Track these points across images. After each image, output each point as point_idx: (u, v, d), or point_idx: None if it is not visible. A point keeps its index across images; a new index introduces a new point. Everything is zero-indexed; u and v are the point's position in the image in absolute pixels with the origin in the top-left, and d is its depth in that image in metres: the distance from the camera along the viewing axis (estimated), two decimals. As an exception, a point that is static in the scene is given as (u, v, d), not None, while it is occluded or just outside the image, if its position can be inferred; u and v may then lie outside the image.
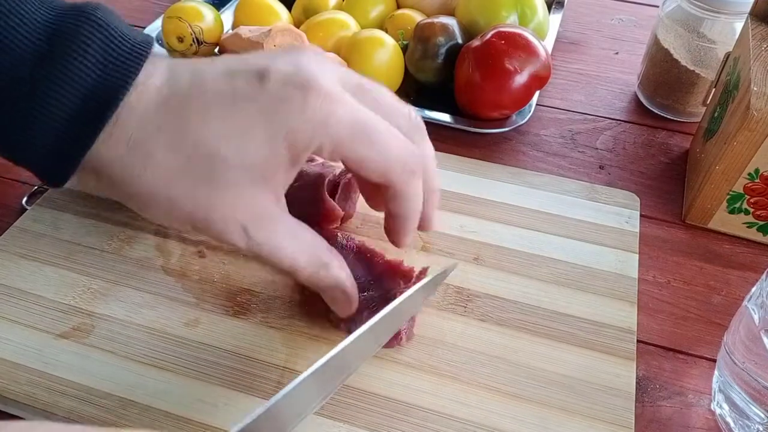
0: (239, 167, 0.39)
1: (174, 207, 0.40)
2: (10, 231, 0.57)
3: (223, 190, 0.40)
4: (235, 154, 0.39)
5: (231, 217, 0.40)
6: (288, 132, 0.39)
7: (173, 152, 0.39)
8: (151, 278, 0.54)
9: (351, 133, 0.40)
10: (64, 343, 0.50)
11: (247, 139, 0.39)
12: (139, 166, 0.38)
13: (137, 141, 0.38)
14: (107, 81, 0.37)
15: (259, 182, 0.40)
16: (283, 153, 0.40)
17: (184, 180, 0.39)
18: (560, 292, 0.54)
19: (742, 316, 0.45)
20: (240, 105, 0.39)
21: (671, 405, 0.49)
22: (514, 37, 0.67)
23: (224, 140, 0.39)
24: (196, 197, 0.40)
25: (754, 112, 0.52)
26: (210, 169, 0.39)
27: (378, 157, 0.42)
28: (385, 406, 0.46)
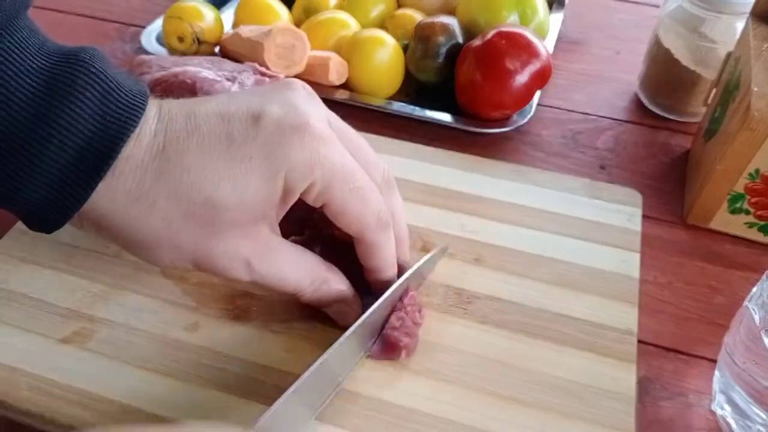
0: (238, 209, 0.40)
1: (178, 251, 0.41)
2: (10, 234, 0.57)
3: (225, 232, 0.41)
4: (234, 197, 0.40)
5: (234, 254, 0.42)
6: (286, 171, 0.40)
7: (175, 200, 0.39)
8: (150, 282, 0.54)
9: (341, 179, 0.42)
10: (64, 347, 0.49)
11: (246, 181, 0.40)
12: (142, 215, 0.39)
13: (138, 191, 0.38)
14: (105, 133, 0.37)
15: (259, 219, 0.42)
16: (279, 191, 0.41)
17: (187, 225, 0.40)
18: (561, 293, 0.53)
19: (742, 317, 0.45)
20: (237, 148, 0.40)
21: (672, 405, 0.49)
22: (515, 37, 0.67)
23: (222, 185, 0.39)
24: (198, 240, 0.41)
25: (755, 112, 0.52)
26: (211, 215, 0.40)
27: (358, 208, 0.44)
28: (383, 410, 0.46)
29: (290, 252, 0.45)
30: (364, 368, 0.48)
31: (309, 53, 0.73)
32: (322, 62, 0.72)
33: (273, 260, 0.44)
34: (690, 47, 0.69)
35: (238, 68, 0.61)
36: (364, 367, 0.48)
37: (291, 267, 0.45)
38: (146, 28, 0.81)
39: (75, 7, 0.91)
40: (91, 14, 0.90)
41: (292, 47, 0.72)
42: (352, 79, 0.74)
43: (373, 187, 0.45)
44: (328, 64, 0.72)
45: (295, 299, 0.50)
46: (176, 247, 0.41)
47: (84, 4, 0.92)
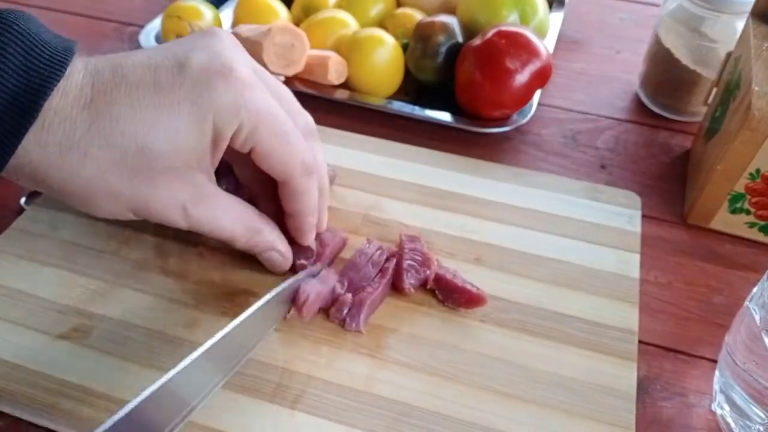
0: (171, 154, 0.41)
1: (114, 199, 0.42)
2: (9, 231, 0.57)
3: (160, 178, 0.42)
4: (165, 143, 0.41)
5: (170, 200, 0.43)
6: (214, 114, 0.42)
7: (107, 149, 0.40)
8: (149, 279, 0.54)
9: (267, 123, 0.44)
10: (62, 343, 0.49)
11: (176, 126, 0.41)
12: (75, 165, 0.40)
13: (70, 142, 0.39)
14: (28, 87, 0.38)
15: (193, 165, 0.43)
16: (209, 135, 0.42)
17: (122, 173, 0.41)
18: (561, 292, 0.53)
19: (743, 317, 0.44)
20: (164, 95, 0.41)
21: (672, 405, 0.49)
22: (515, 36, 0.67)
23: (153, 131, 0.41)
24: (134, 188, 0.42)
25: (756, 111, 0.52)
26: (145, 161, 0.41)
27: (284, 152, 0.46)
28: (384, 407, 0.46)
29: (226, 200, 0.46)
30: (365, 366, 0.48)
31: (308, 52, 0.73)
32: (322, 62, 0.72)
33: (208, 206, 0.45)
34: (690, 47, 0.69)
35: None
36: (365, 365, 0.48)
37: (226, 214, 0.46)
38: (145, 28, 0.81)
39: (73, 7, 0.91)
40: (90, 14, 0.90)
41: (291, 46, 0.72)
42: (351, 79, 0.74)
43: (298, 133, 0.46)
44: (328, 64, 0.72)
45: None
46: (112, 195, 0.41)
47: (82, 4, 0.91)
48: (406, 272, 0.52)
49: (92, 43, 0.84)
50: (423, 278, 0.52)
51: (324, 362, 0.49)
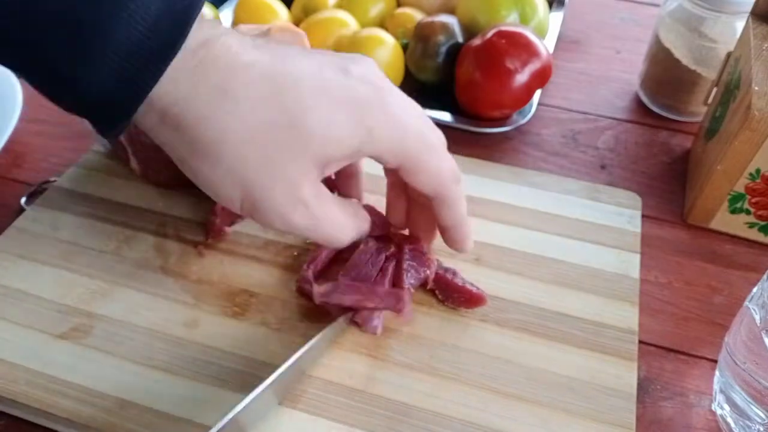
0: (317, 143, 0.39)
1: (238, 166, 0.39)
2: (9, 231, 0.57)
3: (297, 161, 0.39)
4: (320, 127, 0.39)
5: (292, 191, 0.40)
6: (369, 124, 0.40)
7: (262, 108, 0.38)
8: (149, 279, 0.54)
9: (417, 140, 0.43)
10: (62, 343, 0.49)
11: (335, 119, 0.39)
12: (221, 111, 0.37)
13: (225, 87, 0.37)
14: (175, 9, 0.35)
15: (324, 164, 0.41)
16: (356, 141, 0.40)
17: (264, 139, 0.38)
18: (562, 292, 0.53)
19: (743, 317, 0.44)
20: (331, 87, 0.40)
21: (672, 405, 0.49)
22: (514, 36, 0.67)
23: (313, 113, 0.39)
24: (267, 162, 0.39)
25: (756, 111, 0.52)
26: (292, 136, 0.39)
27: (436, 165, 0.45)
28: (385, 407, 0.46)
29: (339, 202, 0.44)
30: (365, 366, 0.48)
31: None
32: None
33: (328, 207, 0.43)
34: (690, 47, 0.69)
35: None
36: (365, 364, 0.48)
37: (343, 214, 0.44)
38: (146, 27, 0.81)
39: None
40: None
41: (291, 46, 0.72)
42: (351, 78, 0.74)
43: (443, 144, 0.46)
44: (328, 63, 0.72)
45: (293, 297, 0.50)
46: (242, 160, 0.38)
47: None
48: (406, 272, 0.51)
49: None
50: (423, 278, 0.52)
51: (324, 362, 0.49)
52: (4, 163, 0.68)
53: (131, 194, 0.61)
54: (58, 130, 0.72)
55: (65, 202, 0.60)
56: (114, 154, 0.63)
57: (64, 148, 0.69)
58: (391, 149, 0.42)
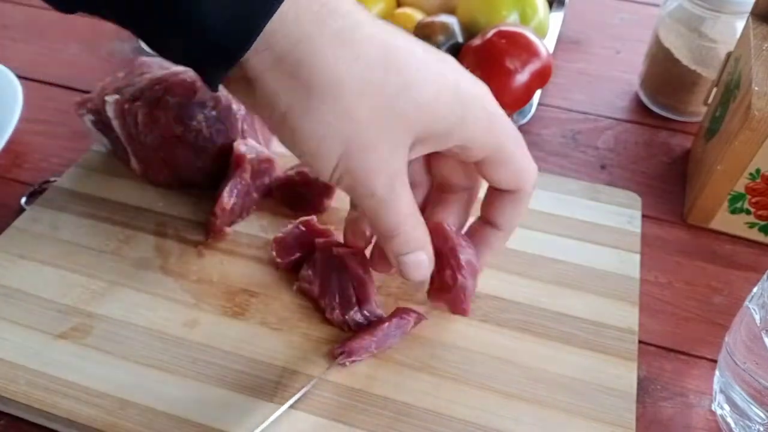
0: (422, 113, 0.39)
1: (348, 118, 0.38)
2: (9, 231, 0.57)
3: (400, 127, 0.39)
4: (425, 99, 0.39)
5: (385, 163, 0.40)
6: (465, 109, 0.40)
7: (378, 67, 0.37)
8: (149, 279, 0.54)
9: (508, 132, 0.43)
10: (62, 343, 0.49)
11: (438, 95, 0.39)
12: (342, 59, 0.37)
13: (346, 36, 0.37)
14: None
15: (418, 139, 0.40)
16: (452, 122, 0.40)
17: (376, 96, 0.38)
18: (562, 292, 0.53)
19: (743, 317, 0.44)
20: (434, 69, 0.40)
21: (672, 405, 0.49)
22: (514, 36, 0.67)
23: (420, 85, 0.39)
24: (369, 124, 0.38)
25: (756, 111, 0.52)
26: (401, 101, 0.38)
27: (523, 160, 0.44)
28: (384, 406, 0.46)
29: (411, 193, 0.43)
30: (365, 366, 0.48)
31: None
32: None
33: (404, 187, 0.42)
34: (690, 47, 0.69)
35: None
36: (365, 364, 0.48)
37: (411, 206, 0.43)
38: (146, 27, 0.81)
39: (74, 6, 0.91)
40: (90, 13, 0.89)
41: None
42: (352, 78, 0.74)
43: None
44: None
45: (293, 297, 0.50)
46: (353, 112, 0.38)
47: (83, 3, 0.91)
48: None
49: (92, 43, 0.84)
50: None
51: (324, 362, 0.49)
52: (4, 163, 0.68)
53: (131, 194, 0.61)
54: (58, 130, 0.72)
55: (65, 202, 0.60)
56: (114, 154, 0.63)
57: (64, 148, 0.69)
58: (481, 138, 0.42)
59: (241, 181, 0.57)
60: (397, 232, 0.43)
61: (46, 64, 0.82)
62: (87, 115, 0.61)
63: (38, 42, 0.85)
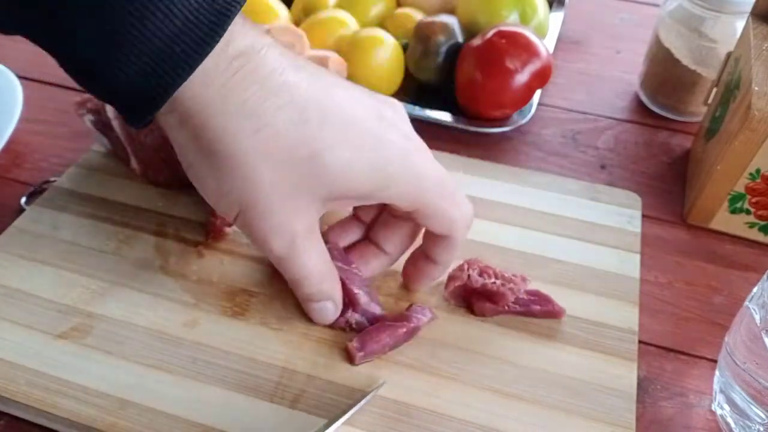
0: (334, 180, 0.39)
1: (246, 186, 0.39)
2: (9, 231, 0.57)
3: (305, 194, 0.40)
4: (338, 167, 0.39)
5: (287, 223, 0.41)
6: (391, 172, 0.41)
7: (286, 136, 0.38)
8: (149, 279, 0.54)
9: (436, 189, 0.44)
10: (62, 343, 0.49)
11: (355, 161, 0.40)
12: (246, 129, 0.37)
13: (255, 107, 0.37)
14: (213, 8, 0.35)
15: (331, 201, 0.41)
16: (373, 185, 0.41)
17: (280, 165, 0.38)
18: (562, 292, 0.53)
19: (743, 317, 0.44)
20: (360, 129, 0.40)
21: (672, 405, 0.49)
22: (515, 36, 0.67)
23: (335, 151, 0.39)
24: (274, 187, 0.39)
25: (756, 111, 0.52)
26: (309, 168, 0.39)
27: (451, 213, 0.45)
28: (384, 406, 0.46)
29: (321, 245, 0.45)
30: (365, 366, 0.48)
31: (308, 52, 0.73)
32: (321, 61, 0.72)
33: (310, 248, 0.43)
34: (690, 47, 0.69)
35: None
36: (365, 365, 0.48)
37: (317, 258, 0.44)
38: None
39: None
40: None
41: (291, 46, 0.72)
42: (351, 79, 0.73)
43: (461, 192, 0.46)
44: (327, 64, 0.71)
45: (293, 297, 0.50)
46: (252, 181, 0.39)
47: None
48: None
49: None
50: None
51: (324, 362, 0.49)
52: (4, 163, 0.68)
53: (131, 194, 0.61)
54: (58, 130, 0.72)
55: (65, 202, 0.60)
56: (114, 154, 0.63)
57: (64, 148, 0.69)
58: (407, 197, 0.43)
59: None
60: (302, 284, 0.46)
61: (46, 64, 0.80)
62: (87, 115, 0.61)
63: (38, 42, 0.85)
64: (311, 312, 0.49)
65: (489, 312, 0.51)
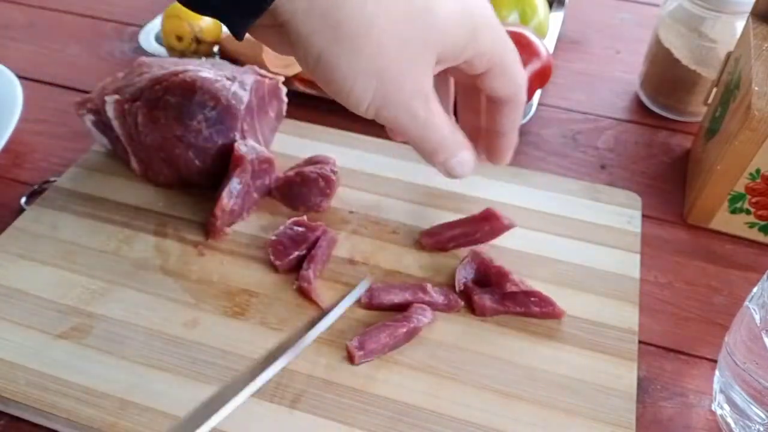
0: (443, 35, 0.42)
1: (379, 52, 0.41)
2: (9, 231, 0.57)
3: (426, 52, 0.42)
4: (444, 22, 0.42)
5: (420, 84, 0.43)
6: (476, 24, 0.43)
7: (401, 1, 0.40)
8: (149, 279, 0.54)
9: (506, 45, 0.46)
10: (62, 343, 0.49)
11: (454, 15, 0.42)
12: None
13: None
14: None
15: (440, 59, 0.43)
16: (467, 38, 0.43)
17: (402, 27, 0.41)
18: (562, 292, 0.53)
19: (743, 317, 0.44)
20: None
21: (672, 405, 0.49)
22: (514, 36, 0.66)
23: (440, 9, 0.41)
24: (404, 48, 0.41)
25: (756, 111, 0.52)
26: (424, 28, 0.41)
27: (517, 71, 0.47)
28: (384, 406, 0.46)
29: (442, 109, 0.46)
30: (365, 366, 0.48)
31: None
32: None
33: (439, 108, 0.45)
34: (690, 47, 0.69)
35: (239, 70, 0.61)
36: (365, 364, 0.49)
37: (446, 118, 0.46)
38: (145, 28, 0.81)
39: (73, 7, 0.91)
40: (90, 14, 0.90)
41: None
42: (352, 78, 0.74)
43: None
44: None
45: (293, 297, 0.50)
46: (383, 46, 0.40)
47: (82, 4, 0.92)
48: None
49: (92, 43, 0.84)
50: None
51: (324, 362, 0.49)
52: (4, 163, 0.68)
53: (131, 194, 0.61)
54: (58, 130, 0.72)
55: (65, 202, 0.60)
56: (114, 154, 0.63)
57: (64, 148, 0.69)
58: (487, 51, 0.45)
59: (241, 182, 0.57)
60: (442, 145, 0.47)
61: (46, 64, 0.82)
62: (87, 115, 0.61)
63: (38, 42, 0.85)
64: (454, 169, 0.49)
65: (489, 312, 0.51)
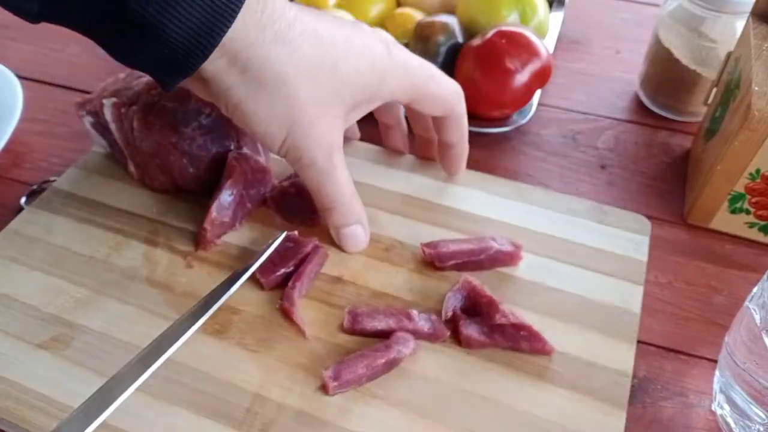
0: (350, 86, 0.48)
1: (291, 103, 0.46)
2: (4, 233, 0.57)
3: (335, 103, 0.48)
4: (350, 73, 0.47)
5: (327, 136, 0.48)
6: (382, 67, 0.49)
7: (312, 54, 0.46)
8: (134, 289, 0.52)
9: (420, 73, 0.52)
10: (41, 353, 0.48)
11: (360, 66, 0.48)
12: (282, 54, 0.44)
13: (284, 35, 0.44)
14: None
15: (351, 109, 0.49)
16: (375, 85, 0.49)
17: (312, 80, 0.46)
18: (554, 325, 0.50)
19: (743, 317, 0.44)
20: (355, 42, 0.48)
21: (672, 405, 0.49)
22: (515, 36, 0.67)
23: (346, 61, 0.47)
24: (315, 99, 0.47)
25: (756, 111, 0.52)
26: (333, 79, 0.47)
27: (441, 91, 0.53)
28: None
29: (347, 170, 0.52)
30: (340, 398, 0.46)
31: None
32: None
33: (342, 164, 0.50)
34: (690, 47, 0.68)
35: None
36: (340, 396, 0.46)
37: (347, 179, 0.52)
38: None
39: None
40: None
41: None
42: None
43: (441, 72, 0.54)
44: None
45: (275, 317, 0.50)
46: (294, 98, 0.46)
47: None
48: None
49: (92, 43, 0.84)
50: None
51: (298, 389, 0.46)
52: (4, 163, 0.68)
53: (127, 198, 0.60)
54: (58, 130, 0.72)
55: (62, 204, 0.59)
56: (113, 156, 0.63)
57: (64, 148, 0.69)
58: (400, 87, 0.51)
59: (233, 194, 0.56)
60: (336, 204, 0.52)
61: (46, 64, 0.82)
62: (86, 116, 0.60)
63: (38, 42, 0.85)
64: (344, 240, 0.54)
65: (475, 344, 0.48)
